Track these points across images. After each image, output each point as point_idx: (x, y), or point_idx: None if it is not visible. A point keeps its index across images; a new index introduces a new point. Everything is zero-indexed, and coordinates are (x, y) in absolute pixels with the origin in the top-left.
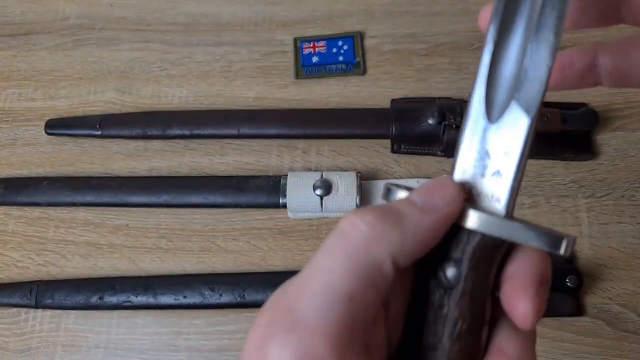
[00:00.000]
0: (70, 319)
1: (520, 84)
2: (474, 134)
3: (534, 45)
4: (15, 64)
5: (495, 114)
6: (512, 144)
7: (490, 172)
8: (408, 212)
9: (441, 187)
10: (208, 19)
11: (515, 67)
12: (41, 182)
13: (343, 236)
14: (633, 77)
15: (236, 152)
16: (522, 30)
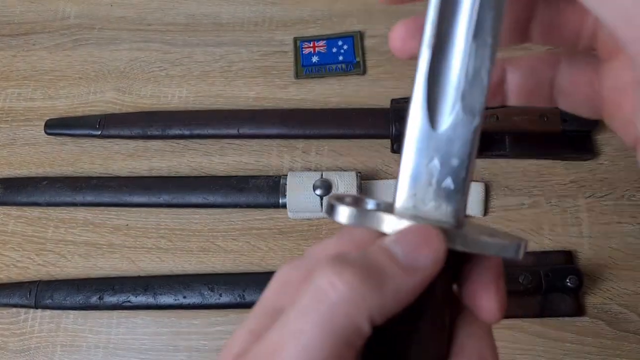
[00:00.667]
0: (69, 319)
1: (463, 90)
2: (418, 143)
3: (473, 49)
4: (14, 63)
5: (439, 121)
6: (459, 150)
7: (437, 180)
8: (390, 272)
9: (428, 242)
10: (208, 19)
11: (457, 74)
12: (41, 182)
13: (319, 296)
14: (540, 94)
15: (236, 152)
16: (460, 34)
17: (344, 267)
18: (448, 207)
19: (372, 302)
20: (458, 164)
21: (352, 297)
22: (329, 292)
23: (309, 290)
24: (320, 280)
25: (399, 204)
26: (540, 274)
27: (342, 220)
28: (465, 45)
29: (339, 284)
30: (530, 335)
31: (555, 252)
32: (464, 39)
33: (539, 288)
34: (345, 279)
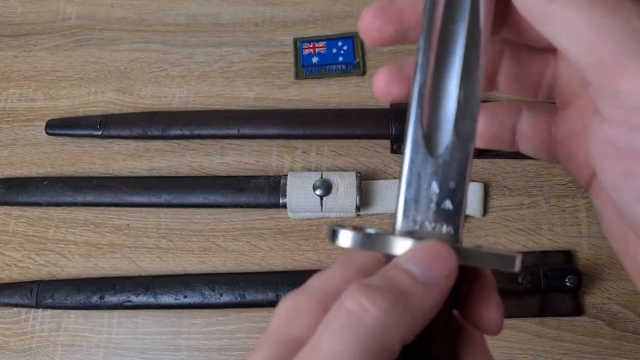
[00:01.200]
0: (70, 318)
1: (456, 118)
2: (417, 170)
3: (464, 81)
4: (15, 64)
5: (436, 149)
6: (454, 175)
7: (437, 203)
8: (414, 291)
9: (441, 257)
10: (208, 20)
11: (452, 105)
12: (42, 182)
13: (354, 320)
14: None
15: (236, 153)
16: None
17: (374, 292)
18: (448, 228)
19: (403, 323)
20: (455, 187)
21: (386, 320)
22: (362, 317)
23: (340, 316)
24: (352, 305)
25: (400, 227)
26: (540, 274)
27: (346, 244)
28: (457, 78)
29: (371, 308)
30: (529, 334)
31: (555, 252)
32: (455, 74)
33: (538, 288)
34: (378, 303)
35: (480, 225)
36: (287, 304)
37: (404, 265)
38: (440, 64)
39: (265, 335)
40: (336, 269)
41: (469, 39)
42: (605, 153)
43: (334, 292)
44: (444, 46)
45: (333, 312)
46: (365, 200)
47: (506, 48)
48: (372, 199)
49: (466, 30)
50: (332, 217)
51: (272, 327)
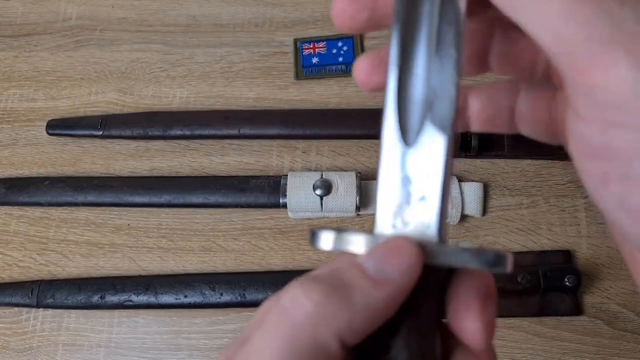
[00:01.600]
0: (71, 318)
1: (431, 104)
2: (392, 161)
3: (438, 63)
4: (16, 64)
5: (411, 138)
6: (432, 165)
7: (415, 198)
8: (359, 285)
9: (397, 252)
10: (209, 20)
11: (424, 88)
12: (42, 182)
13: (284, 314)
14: (500, 121)
15: (237, 153)
16: (424, 51)
17: (311, 285)
18: (429, 222)
19: (339, 318)
20: (434, 178)
21: (317, 314)
22: (292, 310)
23: (273, 311)
24: (286, 298)
25: (379, 226)
26: (539, 274)
27: (323, 246)
28: (430, 60)
29: (303, 301)
30: (528, 334)
31: (554, 251)
32: (428, 55)
33: (538, 287)
34: (310, 295)
35: (479, 225)
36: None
37: (360, 261)
38: (414, 48)
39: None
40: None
41: (443, 21)
42: (582, 153)
43: None
44: (416, 29)
45: (271, 308)
46: (365, 200)
47: (496, 26)
48: (372, 199)
49: (439, 11)
50: (332, 217)
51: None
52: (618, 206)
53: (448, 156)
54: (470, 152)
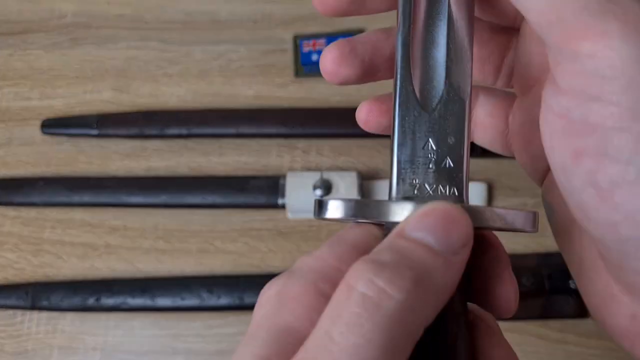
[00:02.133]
0: (66, 320)
1: (449, 69)
2: (410, 127)
3: (453, 28)
4: (11, 62)
5: (428, 102)
6: (453, 128)
7: (438, 162)
8: (434, 265)
9: (455, 221)
10: (207, 17)
11: (442, 53)
12: (37, 182)
13: (372, 306)
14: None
15: (235, 152)
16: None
17: (390, 271)
18: (452, 188)
19: (428, 303)
20: (455, 142)
21: (409, 304)
22: (382, 302)
23: (352, 303)
24: (367, 289)
25: (397, 193)
26: (543, 276)
27: (336, 214)
28: (445, 25)
29: (392, 291)
30: (532, 337)
31: (558, 253)
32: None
33: (542, 289)
34: (398, 284)
35: None
36: (274, 290)
37: (414, 234)
38: (425, 9)
39: (251, 328)
40: (327, 247)
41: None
42: (556, 129)
43: (328, 272)
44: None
45: (341, 298)
46: None
47: None
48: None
49: None
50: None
51: (258, 318)
52: (586, 183)
53: (468, 117)
54: (475, 152)
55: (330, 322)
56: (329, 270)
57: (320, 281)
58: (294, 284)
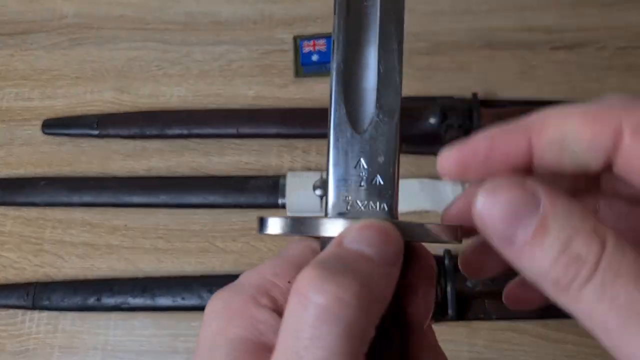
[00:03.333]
0: (67, 320)
1: (377, 91)
2: (344, 148)
3: (383, 54)
4: (12, 63)
5: (361, 125)
6: (383, 148)
7: (369, 180)
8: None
9: (388, 234)
10: (207, 18)
11: (374, 78)
12: (38, 182)
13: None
14: None
15: (235, 152)
16: (369, 44)
17: (342, 277)
18: (382, 204)
19: (376, 307)
20: (384, 161)
21: (362, 306)
22: (340, 310)
23: (310, 314)
24: (322, 298)
25: (332, 210)
26: None
27: (274, 231)
28: (375, 52)
29: (346, 296)
30: (531, 337)
31: None
32: (373, 47)
33: None
34: (350, 289)
35: None
36: (220, 305)
37: (353, 246)
38: (358, 37)
39: (205, 342)
40: (268, 262)
41: (383, 13)
42: None
43: (264, 285)
44: (359, 21)
45: (297, 309)
46: None
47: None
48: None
49: (379, 5)
50: None
51: (211, 333)
52: None
53: (397, 138)
54: None
55: (293, 338)
56: (265, 283)
57: (257, 294)
58: (236, 299)
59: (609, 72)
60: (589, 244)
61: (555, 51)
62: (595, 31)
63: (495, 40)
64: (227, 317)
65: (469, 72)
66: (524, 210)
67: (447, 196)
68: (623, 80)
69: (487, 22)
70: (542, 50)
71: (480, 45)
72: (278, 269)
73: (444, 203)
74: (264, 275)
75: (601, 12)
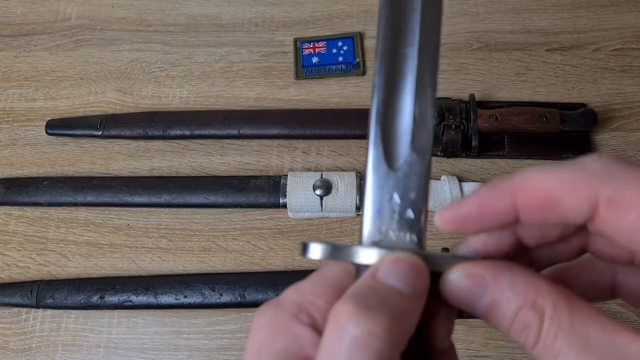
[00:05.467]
0: (70, 318)
1: (412, 133)
2: (380, 183)
3: (418, 100)
4: (16, 64)
5: (395, 162)
6: (415, 185)
7: (400, 213)
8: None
9: (419, 273)
10: (209, 20)
11: (408, 121)
12: (42, 182)
13: (363, 346)
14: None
15: (236, 153)
16: (406, 89)
17: (374, 313)
18: (412, 236)
19: (403, 338)
20: (415, 197)
21: (391, 340)
22: (371, 342)
23: (344, 343)
24: (356, 330)
25: (367, 238)
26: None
27: (316, 256)
28: (411, 97)
29: (377, 330)
30: None
31: None
32: (409, 93)
33: None
34: (381, 324)
35: None
36: (265, 320)
37: (387, 280)
38: (395, 84)
39: (252, 353)
40: (308, 282)
41: (420, 61)
42: None
43: (304, 304)
44: (397, 68)
45: (333, 338)
46: None
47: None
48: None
49: (417, 53)
50: (332, 217)
51: (253, 345)
52: None
53: (427, 176)
54: (471, 151)
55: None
56: (304, 302)
57: (298, 312)
58: (279, 315)
59: (604, 73)
60: (531, 317)
61: (551, 53)
62: (591, 33)
63: (492, 42)
64: (271, 331)
65: (466, 73)
66: (478, 292)
67: (445, 196)
68: (618, 81)
69: (484, 24)
70: (538, 52)
71: (477, 47)
72: (316, 289)
73: (443, 202)
74: (304, 294)
75: (597, 14)
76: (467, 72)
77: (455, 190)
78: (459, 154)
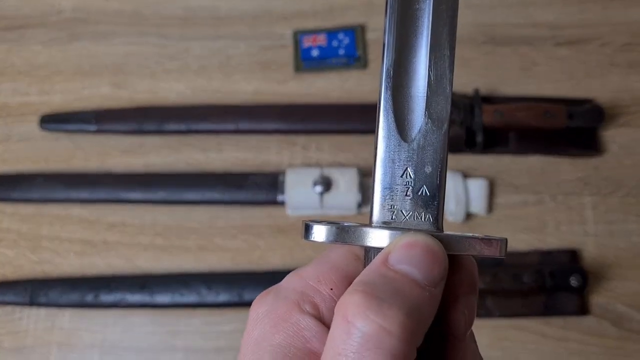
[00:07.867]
0: (65, 317)
1: (427, 98)
2: (391, 156)
3: (434, 60)
4: (9, 58)
5: (408, 133)
6: (431, 158)
7: (415, 190)
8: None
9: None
10: (206, 12)
11: (420, 84)
12: (36, 178)
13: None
14: None
15: (234, 148)
16: (419, 49)
17: (386, 307)
18: (427, 214)
19: (419, 332)
20: (432, 171)
21: (406, 335)
22: (383, 339)
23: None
24: (366, 325)
25: (377, 218)
26: (545, 273)
27: (320, 238)
28: (426, 58)
29: (391, 327)
30: (534, 334)
31: (560, 250)
32: (423, 52)
33: (543, 287)
34: (395, 320)
35: (484, 223)
36: (264, 309)
37: (400, 267)
38: (408, 43)
39: (249, 347)
40: (311, 266)
41: (436, 17)
42: None
43: (307, 291)
44: (410, 25)
45: (341, 334)
46: (367, 197)
47: None
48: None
49: (432, 8)
50: (333, 214)
51: (256, 336)
52: None
53: (445, 148)
54: (475, 147)
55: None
56: (307, 289)
57: (301, 301)
58: (280, 304)
59: (611, 68)
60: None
61: (557, 47)
62: (598, 27)
63: (498, 36)
64: (271, 322)
65: (470, 68)
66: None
67: (449, 192)
68: (625, 77)
69: (490, 18)
70: (545, 47)
71: (482, 41)
72: (320, 275)
73: (447, 199)
74: (307, 280)
75: (604, 8)
76: (472, 66)
77: (460, 188)
78: (464, 150)
